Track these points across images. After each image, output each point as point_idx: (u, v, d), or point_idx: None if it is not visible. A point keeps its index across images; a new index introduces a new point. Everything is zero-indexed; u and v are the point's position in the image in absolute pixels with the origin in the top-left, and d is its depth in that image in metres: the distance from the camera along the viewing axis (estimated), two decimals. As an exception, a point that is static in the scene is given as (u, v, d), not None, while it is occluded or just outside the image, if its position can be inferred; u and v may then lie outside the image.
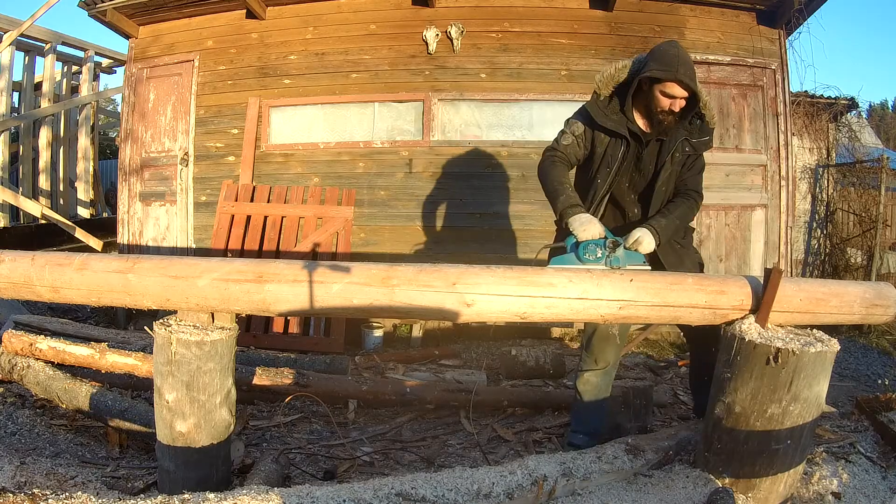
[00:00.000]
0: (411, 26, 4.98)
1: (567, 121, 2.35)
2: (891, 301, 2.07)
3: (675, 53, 2.07)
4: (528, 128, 4.92)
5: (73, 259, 1.97)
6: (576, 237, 2.07)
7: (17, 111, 7.63)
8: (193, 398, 1.86)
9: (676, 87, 2.06)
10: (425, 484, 1.75)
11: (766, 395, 1.80)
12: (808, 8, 4.77)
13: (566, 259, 2.08)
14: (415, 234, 4.94)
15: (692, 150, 2.26)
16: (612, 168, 2.23)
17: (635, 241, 2.08)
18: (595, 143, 2.27)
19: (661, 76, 2.05)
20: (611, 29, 4.89)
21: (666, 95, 2.09)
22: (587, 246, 2.02)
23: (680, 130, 2.21)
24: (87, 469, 2.31)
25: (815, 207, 6.92)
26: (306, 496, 1.62)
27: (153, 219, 5.49)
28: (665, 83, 2.07)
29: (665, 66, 2.05)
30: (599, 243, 2.03)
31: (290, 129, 5.19)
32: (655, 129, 2.20)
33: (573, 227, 2.08)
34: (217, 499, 1.55)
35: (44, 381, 2.79)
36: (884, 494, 2.01)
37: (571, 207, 2.12)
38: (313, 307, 1.85)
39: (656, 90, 2.10)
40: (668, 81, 2.06)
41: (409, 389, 3.08)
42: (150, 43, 5.53)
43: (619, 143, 2.22)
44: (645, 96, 2.16)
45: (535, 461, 1.95)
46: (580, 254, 2.04)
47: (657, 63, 2.07)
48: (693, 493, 1.91)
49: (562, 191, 2.17)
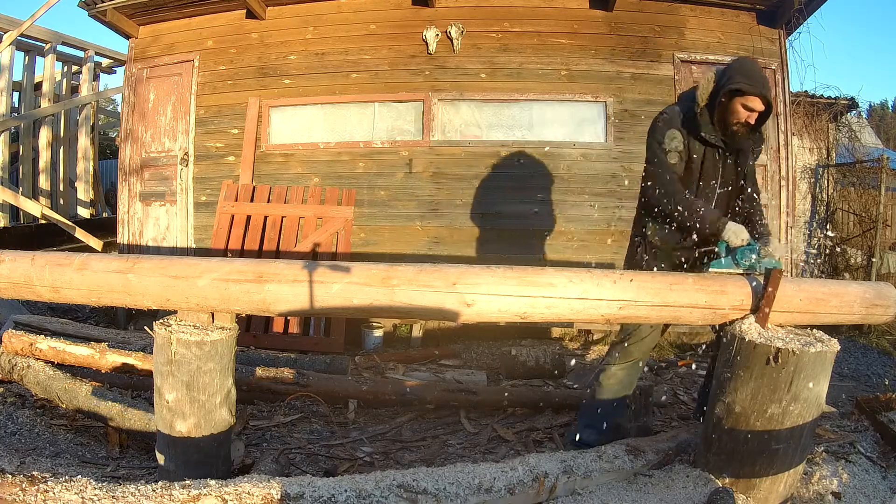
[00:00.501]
0: (411, 26, 4.97)
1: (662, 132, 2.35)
2: (891, 301, 2.07)
3: (758, 70, 2.23)
4: (528, 128, 4.92)
5: (73, 259, 1.97)
6: (729, 243, 2.18)
7: (17, 111, 7.63)
8: (193, 398, 1.86)
9: (758, 101, 2.18)
10: (427, 477, 1.75)
11: (766, 394, 1.80)
12: (808, 8, 4.77)
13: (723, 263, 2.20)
14: (415, 234, 4.94)
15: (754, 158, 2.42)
16: (717, 180, 2.37)
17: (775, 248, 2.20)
18: (691, 152, 2.35)
19: (748, 90, 2.16)
20: (611, 29, 4.88)
21: (746, 108, 2.20)
22: (743, 251, 2.14)
23: (748, 141, 2.33)
24: (88, 469, 2.31)
25: (815, 207, 6.92)
26: (308, 485, 1.62)
27: (153, 219, 5.49)
28: (748, 97, 2.17)
29: (751, 80, 2.17)
30: (753, 249, 2.15)
31: (290, 129, 5.19)
32: (729, 139, 2.31)
33: (727, 235, 2.18)
34: (218, 485, 1.55)
35: (44, 381, 2.79)
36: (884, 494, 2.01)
37: (721, 219, 2.23)
38: (313, 307, 1.86)
39: (737, 102, 2.20)
40: (753, 95, 2.17)
41: (409, 389, 3.08)
42: (150, 43, 5.52)
43: (714, 153, 2.34)
44: (722, 107, 2.25)
45: (536, 458, 1.95)
46: (738, 258, 2.15)
47: (743, 77, 2.18)
48: (693, 493, 1.91)
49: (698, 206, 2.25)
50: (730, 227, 2.20)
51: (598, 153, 4.82)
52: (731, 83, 2.18)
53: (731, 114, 2.23)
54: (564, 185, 4.81)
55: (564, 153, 4.83)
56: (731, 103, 2.21)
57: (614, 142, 4.81)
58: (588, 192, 4.81)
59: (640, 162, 4.82)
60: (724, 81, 2.22)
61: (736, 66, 2.24)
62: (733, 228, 2.19)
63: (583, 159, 4.82)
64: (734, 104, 2.21)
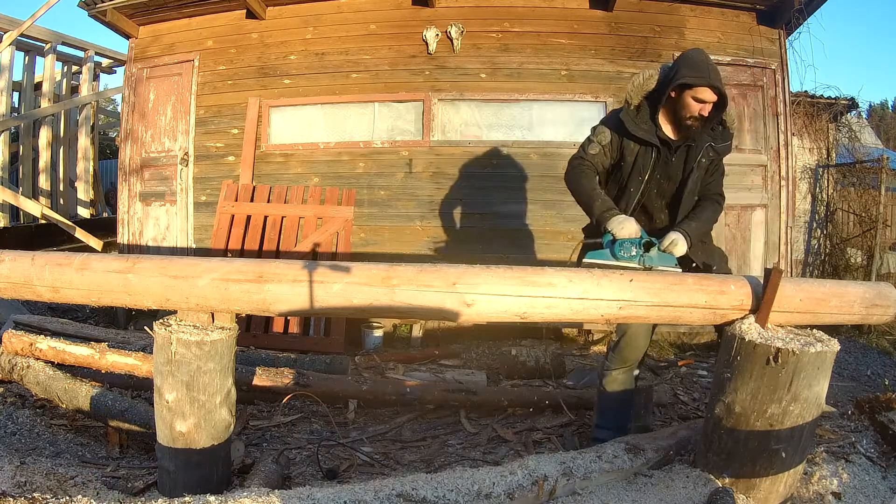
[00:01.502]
0: (411, 26, 4.97)
1: (593, 129, 2.40)
2: (891, 301, 2.07)
3: (705, 60, 2.15)
4: (528, 128, 4.92)
5: (73, 259, 1.97)
6: (613, 235, 2.14)
7: (17, 111, 7.63)
8: (193, 398, 1.86)
9: (708, 91, 2.13)
10: (426, 485, 1.74)
11: (766, 395, 1.80)
12: (808, 8, 4.77)
13: (601, 255, 2.14)
14: (415, 234, 4.94)
15: (715, 155, 2.34)
16: (644, 176, 2.30)
17: (671, 244, 2.16)
18: (624, 151, 2.32)
19: (695, 82, 2.11)
20: (611, 29, 4.88)
21: (697, 100, 2.15)
22: (623, 244, 2.08)
23: (705, 136, 2.28)
24: (87, 469, 2.31)
25: (815, 207, 6.92)
26: (307, 498, 1.62)
27: (153, 219, 5.49)
28: (697, 88, 2.13)
29: (698, 72, 2.11)
30: (635, 242, 2.10)
31: (290, 129, 5.19)
32: (682, 135, 2.27)
33: (611, 227, 2.15)
34: (218, 501, 1.55)
35: (44, 381, 2.79)
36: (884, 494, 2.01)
37: (609, 210, 2.20)
38: (313, 307, 1.85)
39: (687, 96, 2.16)
40: (701, 87, 2.12)
41: (409, 389, 3.08)
42: (150, 43, 5.52)
43: (649, 151, 2.28)
44: (673, 103, 2.22)
45: (535, 461, 1.95)
46: (616, 251, 2.10)
47: (689, 69, 2.13)
48: (693, 493, 1.91)
49: (596, 196, 2.25)
50: (616, 219, 2.15)
51: (598, 153, 4.82)
52: (676, 77, 2.14)
53: (683, 108, 2.18)
54: (564, 185, 4.80)
55: (564, 153, 4.80)
56: (682, 98, 2.17)
57: (614, 142, 4.80)
58: (588, 192, 4.80)
59: (640, 162, 4.86)
60: (670, 77, 2.19)
61: (681, 59, 2.19)
62: (619, 220, 2.15)
63: (583, 159, 4.82)
64: (684, 98, 2.16)
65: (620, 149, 2.32)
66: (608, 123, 2.36)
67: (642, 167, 2.29)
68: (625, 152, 2.32)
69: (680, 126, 2.25)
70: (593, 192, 2.26)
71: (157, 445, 1.98)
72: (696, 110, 2.17)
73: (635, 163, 2.30)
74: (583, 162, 2.36)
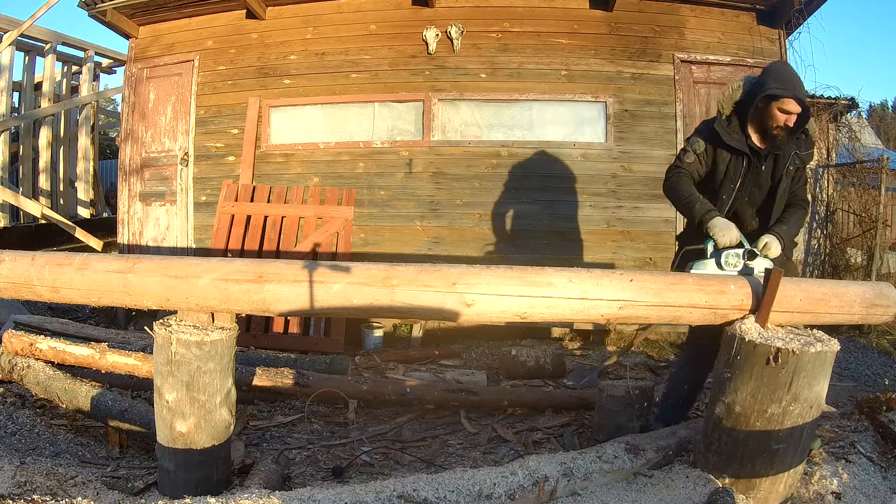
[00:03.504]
0: (411, 26, 4.97)
1: (688, 139, 2.50)
2: (891, 301, 2.07)
3: (791, 72, 2.26)
4: (528, 128, 4.92)
5: (73, 259, 1.97)
6: (715, 241, 2.21)
7: (17, 111, 7.63)
8: (193, 398, 1.86)
9: (793, 103, 2.21)
10: (427, 486, 1.74)
11: (766, 394, 1.80)
12: (808, 8, 4.77)
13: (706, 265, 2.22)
14: (415, 234, 4.94)
15: (800, 163, 2.43)
16: (736, 184, 2.39)
17: (765, 246, 2.24)
18: (717, 160, 2.42)
19: (781, 94, 2.20)
20: (611, 29, 4.88)
21: (783, 111, 2.23)
22: (728, 256, 2.17)
23: (790, 144, 2.35)
24: (87, 469, 2.31)
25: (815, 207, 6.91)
26: (308, 499, 1.61)
27: (153, 219, 5.49)
28: (783, 100, 2.21)
29: (784, 84, 2.21)
30: (739, 254, 2.18)
31: (290, 129, 5.19)
32: (769, 145, 2.35)
33: (713, 231, 2.22)
34: (218, 502, 1.55)
35: (44, 381, 2.79)
36: (884, 494, 2.01)
37: (709, 212, 2.28)
38: (313, 307, 1.86)
39: (774, 107, 2.24)
40: (787, 98, 2.20)
41: (409, 389, 3.08)
42: (150, 43, 5.52)
43: (740, 159, 2.38)
44: (760, 113, 2.30)
45: (535, 461, 1.95)
46: (721, 261, 2.17)
47: (776, 81, 2.22)
48: (693, 493, 1.91)
49: (695, 199, 2.35)
50: (717, 222, 2.22)
51: (598, 153, 4.82)
52: (764, 89, 2.23)
53: (770, 118, 2.27)
54: (564, 185, 4.81)
55: (564, 153, 4.83)
56: (769, 108, 2.26)
57: (614, 142, 4.81)
58: (588, 193, 4.81)
59: (640, 162, 4.88)
60: (757, 88, 2.28)
61: (768, 71, 2.30)
62: (721, 223, 2.22)
63: (582, 159, 4.82)
64: (771, 109, 2.25)
65: (714, 158, 2.42)
66: (701, 134, 2.46)
67: (734, 175, 2.39)
68: (717, 161, 2.42)
69: (765, 135, 2.33)
70: (692, 196, 2.36)
71: (157, 445, 1.98)
72: (781, 121, 2.25)
73: (727, 171, 2.40)
74: (679, 170, 2.46)
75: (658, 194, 4.88)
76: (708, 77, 4.85)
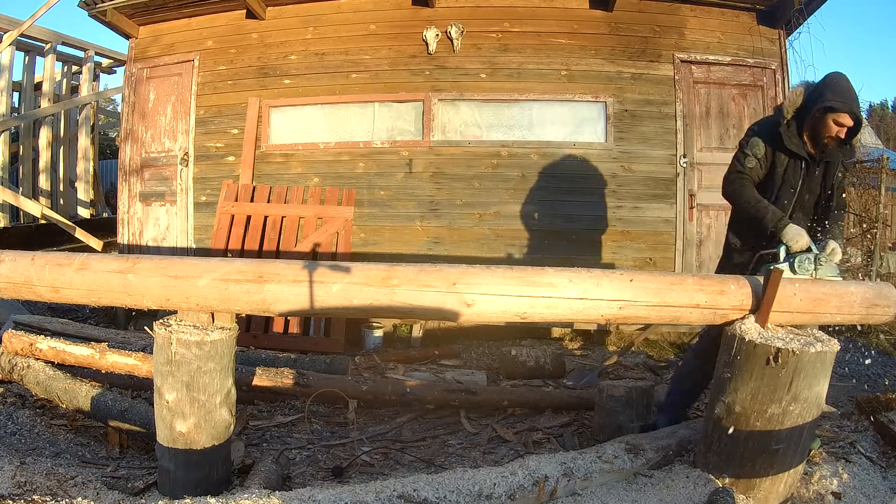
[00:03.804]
0: (411, 26, 4.97)
1: (747, 142, 2.52)
2: (891, 301, 2.07)
3: (848, 85, 2.31)
4: (528, 128, 4.92)
5: (73, 259, 1.97)
6: (789, 247, 2.26)
7: (17, 111, 7.62)
8: (193, 398, 1.86)
9: (848, 117, 2.28)
10: (427, 486, 1.74)
11: (766, 395, 1.80)
12: (808, 8, 4.77)
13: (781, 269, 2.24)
14: (415, 234, 4.94)
15: (843, 170, 2.52)
16: (795, 189, 2.45)
17: (832, 252, 2.28)
18: (775, 162, 2.46)
19: (839, 107, 2.26)
20: (611, 29, 4.88)
21: (837, 124, 2.29)
22: (802, 261, 2.21)
23: (838, 153, 2.40)
24: (88, 469, 2.31)
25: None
26: (308, 499, 1.61)
27: (153, 219, 5.49)
28: (839, 113, 2.27)
29: (842, 97, 2.26)
30: (811, 258, 2.22)
31: (290, 129, 5.18)
32: (818, 151, 2.40)
33: (787, 238, 2.27)
34: (218, 502, 1.55)
35: (44, 381, 2.79)
36: (884, 494, 2.01)
37: (782, 220, 2.33)
38: (313, 307, 1.86)
39: (829, 118, 2.30)
40: (843, 112, 2.26)
41: (409, 389, 3.08)
42: (150, 43, 5.52)
43: (798, 164, 2.42)
44: (815, 121, 2.34)
45: (535, 461, 1.95)
46: (795, 266, 2.21)
47: (834, 94, 2.27)
48: (693, 493, 1.91)
49: (765, 206, 2.39)
50: (790, 229, 2.27)
51: (598, 153, 4.82)
52: (822, 101, 2.27)
53: (824, 128, 2.32)
54: (564, 185, 4.81)
55: (564, 153, 4.83)
56: (824, 119, 2.30)
57: (614, 142, 4.81)
58: (588, 193, 4.81)
59: (640, 162, 4.88)
60: (815, 98, 2.32)
61: (826, 83, 2.33)
62: (793, 230, 2.27)
63: (583, 159, 4.82)
64: (826, 119, 2.30)
65: (772, 160, 2.45)
66: (761, 135, 2.48)
67: (793, 180, 2.44)
68: (776, 163, 2.46)
69: (816, 142, 2.38)
70: (759, 204, 2.40)
71: (157, 445, 1.98)
72: (834, 132, 2.30)
73: (785, 174, 2.44)
74: (742, 175, 2.49)
75: (658, 194, 4.93)
76: (708, 77, 4.85)
